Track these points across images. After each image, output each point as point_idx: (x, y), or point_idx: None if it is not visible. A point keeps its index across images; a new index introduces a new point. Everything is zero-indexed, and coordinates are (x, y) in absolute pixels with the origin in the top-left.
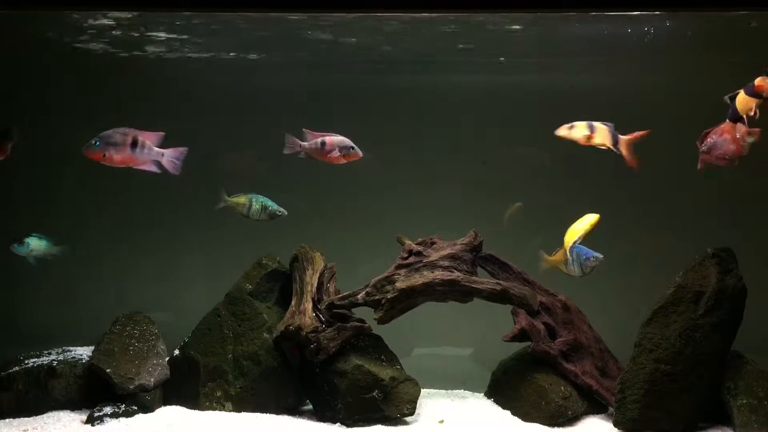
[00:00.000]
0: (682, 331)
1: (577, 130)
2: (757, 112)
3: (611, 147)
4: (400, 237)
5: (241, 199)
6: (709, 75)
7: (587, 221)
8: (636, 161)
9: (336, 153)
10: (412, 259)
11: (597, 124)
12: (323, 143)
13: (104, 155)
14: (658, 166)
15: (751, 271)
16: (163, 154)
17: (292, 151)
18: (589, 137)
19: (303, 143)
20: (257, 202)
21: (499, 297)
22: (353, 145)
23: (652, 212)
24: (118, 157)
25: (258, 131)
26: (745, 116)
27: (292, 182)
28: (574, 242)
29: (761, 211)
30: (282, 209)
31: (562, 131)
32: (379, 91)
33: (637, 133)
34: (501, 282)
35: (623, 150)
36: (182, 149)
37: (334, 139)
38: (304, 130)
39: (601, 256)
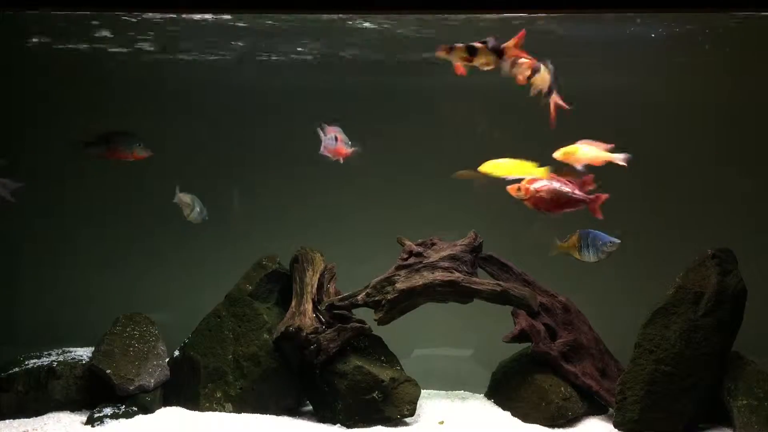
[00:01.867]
0: (682, 331)
1: (456, 53)
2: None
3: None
4: (400, 238)
5: (187, 199)
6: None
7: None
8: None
9: (346, 148)
10: (412, 260)
11: (477, 44)
12: (336, 138)
13: None
14: (658, 166)
15: (751, 271)
16: None
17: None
18: (469, 60)
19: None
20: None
21: (500, 298)
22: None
23: (653, 212)
24: None
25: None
26: None
27: (291, 182)
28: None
29: (761, 211)
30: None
31: (441, 53)
32: (379, 92)
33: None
34: (501, 283)
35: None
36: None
37: (342, 136)
38: (322, 124)
39: (618, 241)
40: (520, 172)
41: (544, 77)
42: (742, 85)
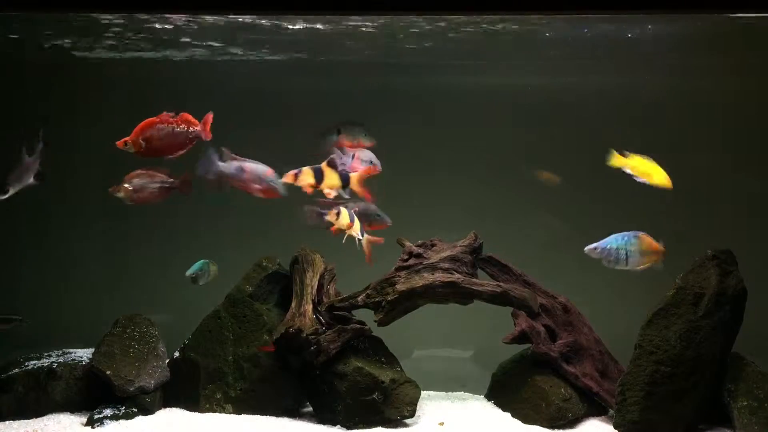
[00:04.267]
0: (682, 332)
1: (304, 177)
2: None
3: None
4: (400, 239)
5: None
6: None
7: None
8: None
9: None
10: (412, 261)
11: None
12: (352, 156)
13: None
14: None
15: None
16: None
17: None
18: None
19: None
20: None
21: (500, 299)
22: (372, 159)
23: (653, 213)
24: None
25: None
26: None
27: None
28: None
29: (761, 212)
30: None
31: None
32: (379, 92)
33: (366, 171)
34: (501, 284)
35: (355, 189)
36: None
37: (364, 154)
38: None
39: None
40: None
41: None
42: (746, 86)
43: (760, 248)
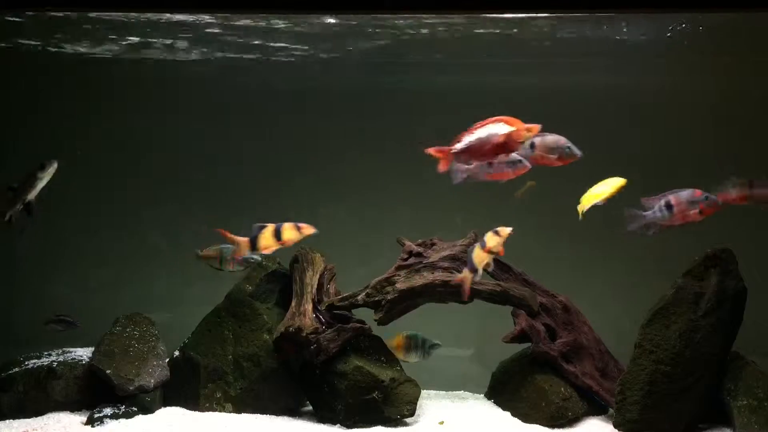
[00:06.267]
0: (682, 332)
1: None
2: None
3: None
4: (400, 238)
5: (212, 252)
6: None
7: (610, 185)
8: None
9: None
10: (412, 260)
11: None
12: (532, 144)
13: None
14: (658, 166)
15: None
16: None
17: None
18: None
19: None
20: (227, 252)
21: (500, 298)
22: (570, 145)
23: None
24: None
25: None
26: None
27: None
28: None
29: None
30: (254, 256)
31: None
32: (379, 91)
33: None
34: (501, 283)
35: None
36: None
37: (548, 139)
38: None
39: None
40: None
41: None
42: (737, 85)
43: (760, 248)
